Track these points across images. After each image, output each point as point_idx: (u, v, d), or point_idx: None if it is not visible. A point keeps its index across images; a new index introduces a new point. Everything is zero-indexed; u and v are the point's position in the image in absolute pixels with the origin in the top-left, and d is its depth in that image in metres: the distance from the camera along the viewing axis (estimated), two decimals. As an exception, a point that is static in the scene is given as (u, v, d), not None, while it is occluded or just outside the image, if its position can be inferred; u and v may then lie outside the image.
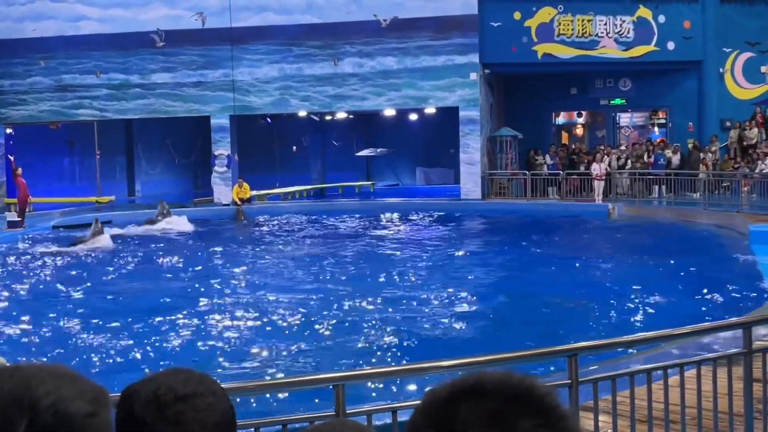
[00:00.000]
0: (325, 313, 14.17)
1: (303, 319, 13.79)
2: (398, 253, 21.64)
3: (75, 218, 30.37)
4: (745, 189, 27.14)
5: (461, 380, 1.22)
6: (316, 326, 13.28)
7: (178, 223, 28.05)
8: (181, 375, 1.65)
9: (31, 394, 1.20)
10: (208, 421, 1.60)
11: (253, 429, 4.48)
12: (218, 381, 1.72)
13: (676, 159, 31.39)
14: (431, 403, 1.22)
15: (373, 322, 13.22)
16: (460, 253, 21.86)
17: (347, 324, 13.24)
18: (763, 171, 28.02)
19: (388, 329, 12.73)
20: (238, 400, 5.07)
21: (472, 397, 1.19)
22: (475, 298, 15.41)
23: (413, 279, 17.67)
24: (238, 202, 32.20)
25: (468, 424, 1.16)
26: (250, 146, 37.84)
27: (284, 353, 11.63)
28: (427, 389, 1.29)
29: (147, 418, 1.58)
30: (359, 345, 11.86)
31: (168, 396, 1.61)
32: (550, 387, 1.25)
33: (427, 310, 14.18)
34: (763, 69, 33.02)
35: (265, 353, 11.67)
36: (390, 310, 14.16)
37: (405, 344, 11.93)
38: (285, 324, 13.42)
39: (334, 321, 13.51)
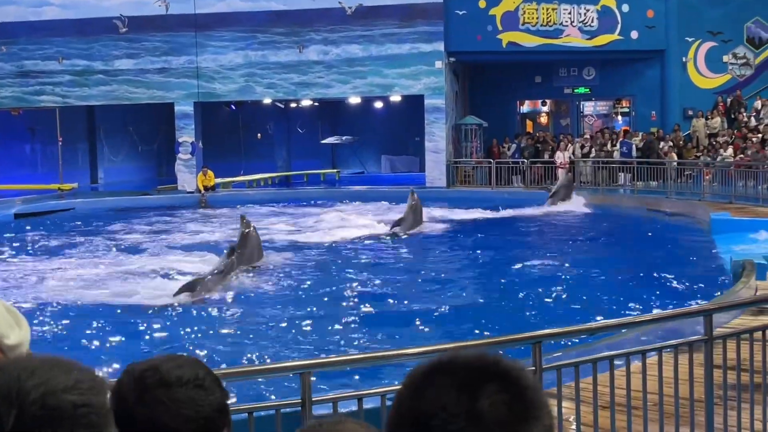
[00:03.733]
0: (292, 302, 14.16)
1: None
2: (364, 241, 21.61)
3: (36, 206, 30.10)
4: (707, 177, 27.42)
5: (437, 358, 1.36)
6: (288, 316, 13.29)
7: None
8: (176, 361, 1.63)
9: (20, 386, 1.20)
10: (183, 413, 1.58)
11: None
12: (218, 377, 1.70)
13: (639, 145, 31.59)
14: (411, 380, 1.35)
15: (335, 312, 13.23)
16: (423, 240, 21.89)
17: (312, 314, 13.25)
18: (725, 160, 28.30)
19: (352, 319, 12.75)
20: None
21: (444, 371, 1.32)
22: (438, 287, 15.45)
23: (377, 269, 17.69)
24: (202, 190, 32.05)
25: (436, 394, 1.29)
26: (214, 133, 37.61)
27: (257, 341, 11.63)
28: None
29: (127, 398, 1.58)
30: (325, 335, 11.87)
31: (153, 379, 1.60)
32: (517, 362, 1.36)
33: (391, 300, 14.21)
34: (725, 58, 33.32)
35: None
36: (352, 301, 14.16)
37: (369, 334, 11.96)
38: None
39: (301, 312, 13.52)
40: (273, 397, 7.66)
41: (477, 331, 11.65)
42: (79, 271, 17.20)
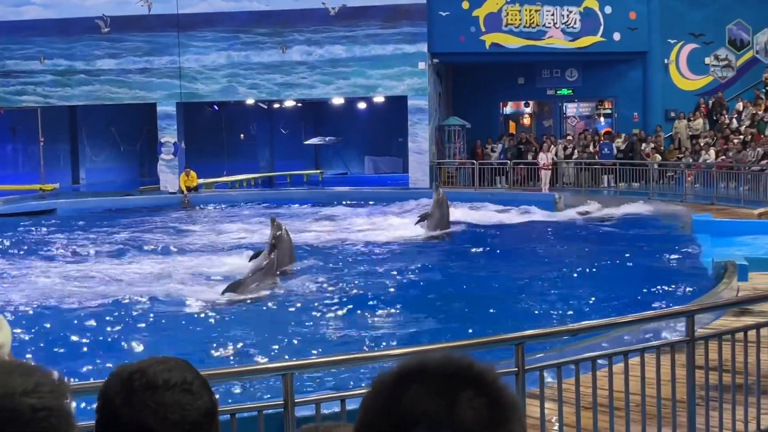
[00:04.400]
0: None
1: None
2: (344, 243, 21.57)
3: (18, 206, 29.95)
4: (689, 179, 27.54)
5: (406, 364, 1.32)
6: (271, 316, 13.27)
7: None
8: (167, 364, 1.61)
9: None
10: (169, 417, 1.57)
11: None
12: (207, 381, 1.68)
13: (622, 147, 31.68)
14: (380, 387, 1.31)
15: (319, 313, 13.21)
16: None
17: (295, 315, 13.23)
18: (707, 161, 28.43)
19: (334, 321, 12.73)
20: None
21: (417, 377, 1.29)
22: (420, 289, 15.44)
23: (359, 270, 17.67)
24: (185, 191, 31.96)
25: (415, 401, 1.26)
26: (197, 134, 37.47)
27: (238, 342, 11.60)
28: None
29: (115, 399, 1.57)
30: (308, 336, 11.85)
31: (140, 382, 1.59)
32: (488, 365, 1.34)
33: (374, 300, 14.19)
34: (707, 60, 33.46)
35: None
36: (335, 302, 14.13)
37: (352, 335, 11.95)
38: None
39: (283, 311, 13.50)
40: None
41: (464, 332, 11.65)
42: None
